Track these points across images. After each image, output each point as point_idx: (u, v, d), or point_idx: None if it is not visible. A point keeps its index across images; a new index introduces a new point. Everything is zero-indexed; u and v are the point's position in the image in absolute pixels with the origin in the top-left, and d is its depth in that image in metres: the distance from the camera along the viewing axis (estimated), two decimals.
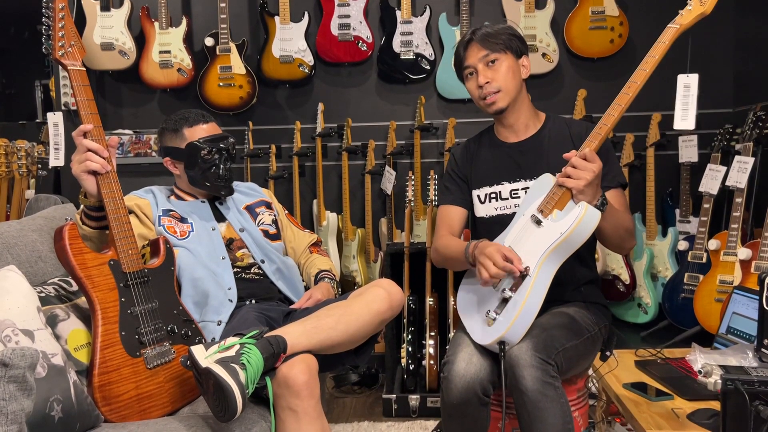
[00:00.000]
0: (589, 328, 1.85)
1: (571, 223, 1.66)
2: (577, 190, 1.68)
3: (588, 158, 1.67)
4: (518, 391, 1.64)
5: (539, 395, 1.61)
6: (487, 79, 1.89)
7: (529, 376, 1.61)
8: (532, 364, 1.62)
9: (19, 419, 1.25)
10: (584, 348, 1.82)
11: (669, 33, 1.80)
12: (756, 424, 1.36)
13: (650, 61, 1.78)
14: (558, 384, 1.65)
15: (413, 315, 3.15)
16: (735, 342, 2.13)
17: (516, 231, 1.81)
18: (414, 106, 3.60)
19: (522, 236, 1.78)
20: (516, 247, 1.76)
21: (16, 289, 1.56)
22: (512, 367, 1.64)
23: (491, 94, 1.90)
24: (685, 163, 3.34)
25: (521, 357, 1.64)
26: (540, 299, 1.70)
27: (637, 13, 3.49)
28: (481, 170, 2.04)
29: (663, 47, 1.78)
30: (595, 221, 1.67)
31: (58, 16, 1.71)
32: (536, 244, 1.72)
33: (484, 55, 1.89)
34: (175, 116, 2.16)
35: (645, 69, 1.77)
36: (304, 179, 3.69)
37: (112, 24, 3.48)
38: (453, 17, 3.55)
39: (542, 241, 1.71)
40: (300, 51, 3.51)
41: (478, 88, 1.92)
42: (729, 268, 2.81)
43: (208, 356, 1.57)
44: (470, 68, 1.92)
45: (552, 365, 1.65)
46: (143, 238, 2.01)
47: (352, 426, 2.90)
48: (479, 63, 1.90)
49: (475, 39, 1.91)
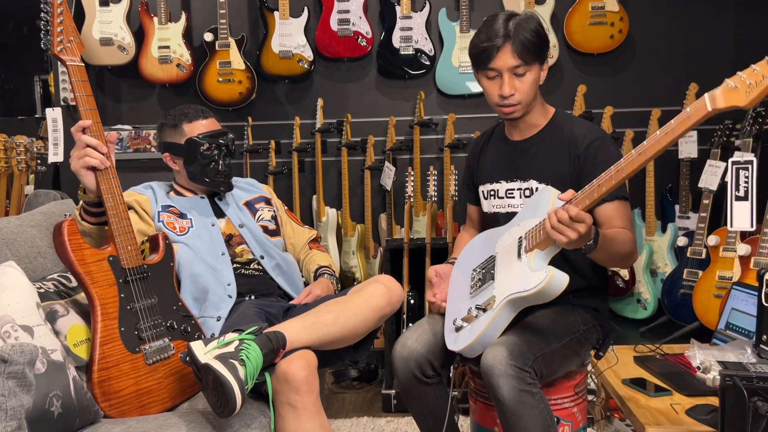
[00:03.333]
0: (573, 329, 1.81)
1: (534, 286, 1.57)
2: (558, 242, 1.58)
3: (574, 218, 1.52)
4: (496, 400, 1.63)
5: (517, 403, 1.59)
6: (513, 90, 1.79)
7: (505, 385, 1.59)
8: (508, 372, 1.59)
9: (19, 415, 1.25)
10: (568, 350, 1.79)
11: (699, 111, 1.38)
12: (754, 419, 1.36)
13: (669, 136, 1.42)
14: (536, 390, 1.63)
15: (413, 311, 3.15)
16: (734, 338, 2.13)
17: (506, 245, 1.77)
18: (413, 102, 3.60)
19: (506, 259, 1.74)
20: (500, 267, 1.74)
21: (15, 284, 1.56)
22: (488, 375, 1.62)
23: (510, 106, 1.83)
24: (684, 159, 3.34)
25: (496, 366, 1.60)
26: (498, 331, 1.67)
27: (637, 9, 3.49)
28: (485, 167, 2.04)
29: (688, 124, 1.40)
30: (562, 285, 1.57)
31: (57, 11, 1.71)
32: (507, 281, 1.68)
33: (515, 65, 1.77)
34: (174, 112, 2.16)
35: (661, 143, 1.43)
36: (304, 175, 3.69)
37: (111, 19, 3.47)
38: (453, 12, 3.54)
39: (512, 283, 1.65)
40: (299, 46, 3.50)
41: (499, 95, 1.81)
42: (728, 264, 2.81)
43: (207, 352, 1.57)
44: (495, 71, 1.79)
45: (529, 372, 1.62)
46: (142, 234, 2.01)
47: (352, 421, 2.90)
48: (507, 71, 1.78)
49: (512, 44, 1.75)
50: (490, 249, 1.83)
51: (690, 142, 3.30)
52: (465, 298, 1.82)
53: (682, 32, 3.50)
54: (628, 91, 3.53)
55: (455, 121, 3.49)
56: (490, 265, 1.79)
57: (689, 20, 3.49)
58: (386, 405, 2.98)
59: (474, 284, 1.82)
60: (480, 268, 1.83)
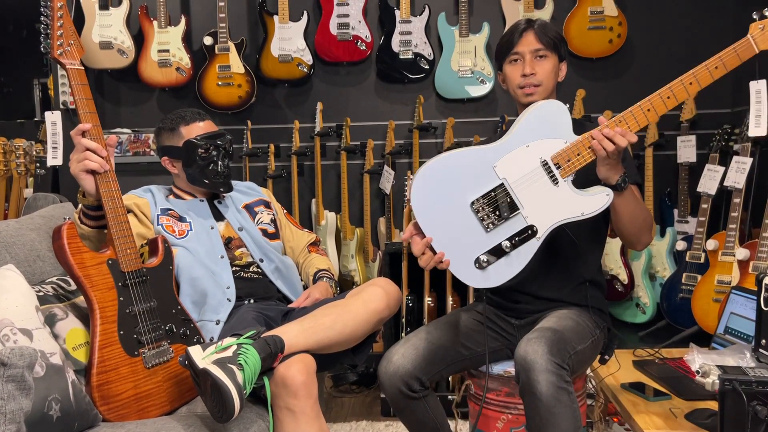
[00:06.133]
0: (592, 332, 1.83)
1: (598, 208, 1.64)
2: (607, 150, 1.63)
3: (625, 135, 1.64)
4: (532, 395, 1.60)
5: (553, 400, 1.57)
6: (533, 71, 1.87)
7: (545, 381, 1.58)
8: (548, 368, 1.58)
9: (18, 419, 1.25)
10: (590, 351, 1.81)
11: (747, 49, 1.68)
12: (753, 424, 1.36)
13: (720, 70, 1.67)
14: (571, 389, 1.62)
15: (411, 314, 3.15)
16: (733, 342, 2.13)
17: (521, 170, 1.69)
18: (413, 106, 3.60)
19: (532, 185, 1.68)
20: (523, 194, 1.68)
21: (14, 288, 1.56)
22: (526, 370, 1.60)
23: (531, 86, 1.88)
24: (683, 163, 3.35)
25: (537, 361, 1.59)
26: (535, 256, 1.70)
27: (635, 14, 3.49)
28: None
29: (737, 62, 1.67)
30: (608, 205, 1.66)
31: (57, 14, 1.71)
32: (551, 208, 1.67)
33: (536, 48, 1.87)
34: (172, 115, 2.16)
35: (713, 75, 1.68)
36: (303, 178, 3.69)
37: (110, 23, 3.48)
38: (452, 17, 3.55)
39: (559, 209, 1.66)
40: (299, 50, 3.51)
41: (521, 76, 1.88)
42: (727, 268, 2.81)
43: (206, 357, 1.57)
44: (517, 55, 1.89)
45: (566, 369, 1.62)
46: (142, 238, 2.01)
47: (350, 425, 2.90)
48: (529, 53, 1.88)
49: (532, 28, 1.89)
50: (489, 176, 1.69)
51: (689, 146, 3.31)
52: (477, 234, 1.69)
53: (681, 37, 3.51)
54: (626, 96, 3.50)
55: (454, 125, 3.50)
56: (503, 193, 1.69)
57: (688, 25, 3.50)
58: (385, 409, 2.98)
59: (485, 217, 1.69)
60: (485, 199, 1.69)
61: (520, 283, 1.81)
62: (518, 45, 1.89)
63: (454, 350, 1.87)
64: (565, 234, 1.81)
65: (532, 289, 1.91)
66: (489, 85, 3.50)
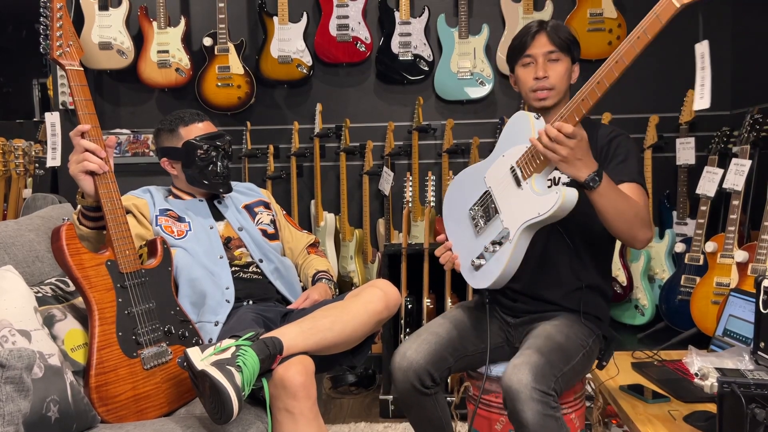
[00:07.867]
0: (583, 344, 1.80)
1: (549, 208, 1.61)
2: (553, 161, 1.63)
3: (568, 134, 1.58)
4: (519, 423, 1.61)
5: (540, 428, 1.58)
6: (546, 74, 1.86)
7: (530, 410, 1.58)
8: (533, 397, 1.58)
9: (16, 420, 1.25)
10: (581, 366, 1.79)
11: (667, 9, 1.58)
12: (752, 426, 1.36)
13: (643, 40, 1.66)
14: (559, 414, 1.62)
15: (410, 316, 3.15)
16: (731, 344, 2.14)
17: (498, 177, 1.78)
18: (412, 107, 3.61)
19: (504, 190, 1.76)
20: (501, 199, 1.76)
21: (13, 289, 1.56)
22: (512, 400, 1.60)
23: (544, 90, 1.87)
24: (682, 166, 3.35)
25: (521, 391, 1.59)
26: (521, 258, 1.71)
27: (635, 15, 3.49)
28: None
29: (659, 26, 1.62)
30: (574, 200, 1.61)
31: (56, 15, 1.71)
32: (518, 210, 1.70)
33: (549, 50, 1.86)
34: (171, 117, 2.16)
35: (636, 48, 1.68)
36: (302, 179, 3.69)
37: (110, 23, 3.48)
38: (451, 18, 3.55)
39: (522, 211, 1.68)
40: (298, 51, 3.51)
41: (534, 79, 1.87)
42: (726, 270, 2.82)
43: (204, 358, 1.56)
44: (530, 58, 1.88)
45: (552, 395, 1.61)
46: (141, 239, 2.01)
47: (349, 427, 2.90)
48: (541, 56, 1.86)
49: (545, 30, 1.87)
50: (481, 185, 1.84)
51: (688, 148, 3.31)
52: (473, 239, 1.83)
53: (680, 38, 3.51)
54: (625, 98, 3.54)
55: (453, 126, 3.50)
56: (488, 199, 1.81)
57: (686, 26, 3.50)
58: (384, 410, 2.98)
59: (477, 223, 1.83)
60: (478, 206, 1.84)
61: (520, 282, 1.83)
62: (531, 47, 1.87)
63: (461, 345, 1.89)
64: (564, 236, 1.82)
65: (530, 290, 1.91)
66: (488, 86, 3.50)
